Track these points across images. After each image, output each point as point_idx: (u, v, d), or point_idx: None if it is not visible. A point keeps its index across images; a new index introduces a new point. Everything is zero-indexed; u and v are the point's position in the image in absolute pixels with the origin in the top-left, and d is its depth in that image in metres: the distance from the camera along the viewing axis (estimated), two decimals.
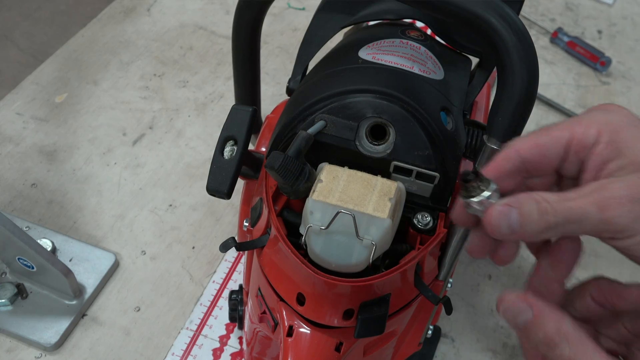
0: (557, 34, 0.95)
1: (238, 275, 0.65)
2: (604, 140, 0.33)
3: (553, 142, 0.35)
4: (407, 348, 0.52)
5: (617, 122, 0.34)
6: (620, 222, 0.31)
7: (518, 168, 0.35)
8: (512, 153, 0.35)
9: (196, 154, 0.76)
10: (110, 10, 0.93)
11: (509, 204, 0.34)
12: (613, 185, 0.32)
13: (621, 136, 0.33)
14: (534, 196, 0.33)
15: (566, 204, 0.33)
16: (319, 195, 0.39)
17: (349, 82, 0.44)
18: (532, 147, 0.35)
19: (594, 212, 0.32)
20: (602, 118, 0.34)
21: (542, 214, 0.33)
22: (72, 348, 0.59)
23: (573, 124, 0.35)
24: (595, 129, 0.34)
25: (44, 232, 0.65)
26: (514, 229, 0.33)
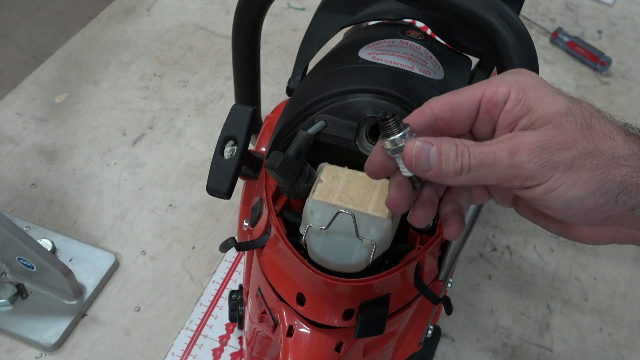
0: (557, 34, 0.95)
1: (238, 275, 0.65)
2: (513, 98, 0.34)
3: (465, 100, 0.35)
4: (407, 348, 0.52)
5: (526, 82, 0.35)
6: (528, 167, 0.32)
7: (431, 125, 0.36)
8: (426, 109, 0.36)
9: (196, 154, 0.76)
10: (110, 10, 0.93)
11: (429, 141, 0.34)
12: (524, 133, 0.33)
13: (530, 94, 0.34)
14: (454, 139, 0.34)
15: (481, 148, 0.34)
16: (319, 195, 0.39)
17: (349, 82, 0.44)
18: (445, 104, 0.35)
19: (504, 157, 0.33)
20: (512, 78, 0.35)
21: (459, 155, 0.34)
22: (72, 348, 0.59)
23: (484, 84, 0.35)
24: (505, 88, 0.35)
25: (44, 232, 0.65)
26: (431, 165, 0.34)
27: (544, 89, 0.34)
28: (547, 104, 0.34)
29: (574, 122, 0.33)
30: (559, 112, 0.33)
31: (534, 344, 0.63)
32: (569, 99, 0.34)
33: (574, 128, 0.33)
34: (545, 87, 0.35)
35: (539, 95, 0.34)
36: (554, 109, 0.33)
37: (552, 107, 0.33)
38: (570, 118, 0.33)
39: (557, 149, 0.33)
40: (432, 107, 0.35)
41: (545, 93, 0.34)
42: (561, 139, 0.33)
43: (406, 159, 0.34)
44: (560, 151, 0.32)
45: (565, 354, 0.62)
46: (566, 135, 0.33)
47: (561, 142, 0.33)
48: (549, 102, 0.34)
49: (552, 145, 0.33)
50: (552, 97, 0.34)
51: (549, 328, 0.64)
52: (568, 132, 0.33)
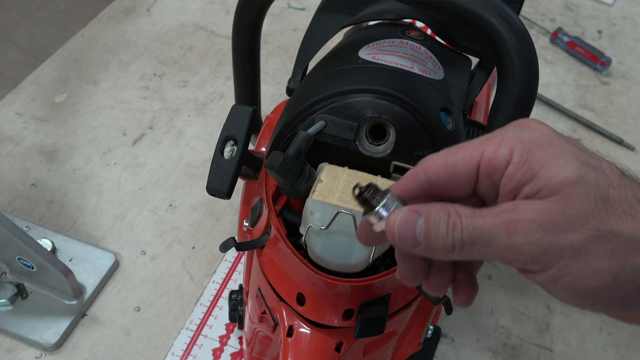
0: (557, 34, 0.95)
1: (238, 275, 0.65)
2: (516, 161, 0.29)
3: (462, 163, 0.30)
4: (407, 348, 0.52)
5: (532, 140, 0.29)
6: (527, 252, 0.28)
7: (424, 190, 0.31)
8: (419, 173, 0.31)
9: (196, 154, 0.76)
10: (110, 10, 0.93)
11: (417, 211, 0.30)
12: (524, 206, 0.28)
13: (535, 155, 0.29)
14: (447, 207, 0.30)
15: (475, 221, 0.29)
16: (319, 195, 0.39)
17: (349, 82, 0.44)
18: (440, 167, 0.31)
19: (500, 235, 0.28)
20: (515, 135, 0.30)
21: (450, 229, 0.29)
22: (72, 348, 0.59)
23: (484, 142, 0.30)
24: (506, 148, 0.29)
25: (44, 232, 0.65)
26: (418, 240, 0.29)
27: (554, 149, 0.29)
28: (554, 170, 0.28)
29: (586, 194, 0.28)
30: (568, 180, 0.28)
31: (534, 344, 0.63)
32: (583, 161, 0.29)
33: (585, 202, 0.27)
34: (555, 147, 0.29)
35: (546, 158, 0.29)
36: (563, 177, 0.28)
37: (561, 174, 0.28)
38: (581, 189, 0.28)
39: (562, 229, 0.27)
40: (426, 170, 0.31)
41: (554, 155, 0.29)
42: (568, 216, 0.27)
43: (388, 234, 0.30)
44: (566, 232, 0.27)
45: (565, 354, 0.62)
46: (575, 210, 0.27)
47: (568, 221, 0.27)
48: (558, 168, 0.28)
49: (557, 225, 0.27)
50: (562, 161, 0.28)
51: (549, 328, 0.64)
52: (577, 206, 0.27)
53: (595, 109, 0.88)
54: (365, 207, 0.31)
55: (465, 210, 0.29)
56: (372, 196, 0.31)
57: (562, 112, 0.86)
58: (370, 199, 0.31)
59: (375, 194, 0.31)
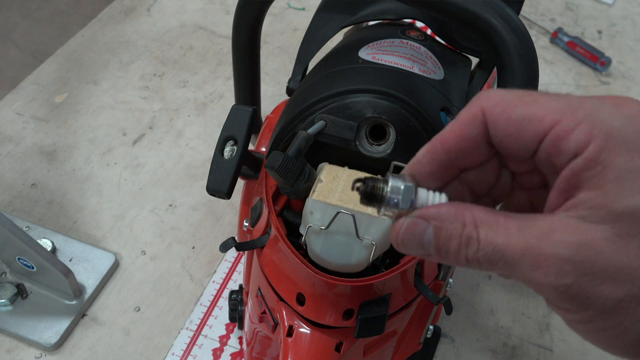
0: (557, 34, 0.95)
1: (238, 275, 0.65)
2: (588, 156, 0.23)
3: (528, 125, 0.24)
4: (407, 348, 0.52)
5: (620, 135, 0.23)
6: (551, 294, 0.24)
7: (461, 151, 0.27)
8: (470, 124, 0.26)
9: (196, 154, 0.76)
10: (110, 10, 0.93)
11: (426, 217, 0.26)
12: (563, 236, 0.23)
13: (613, 158, 0.23)
14: (463, 213, 0.25)
15: (498, 239, 0.24)
16: (319, 195, 0.39)
17: (349, 82, 0.44)
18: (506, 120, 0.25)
19: (524, 266, 0.24)
20: (603, 119, 0.23)
21: (464, 245, 0.25)
22: (72, 348, 0.59)
23: (563, 110, 0.24)
24: (585, 134, 0.23)
25: (44, 232, 0.65)
26: (428, 252, 0.26)
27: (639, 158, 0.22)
28: (629, 190, 0.22)
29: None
30: (633, 216, 0.22)
31: (534, 344, 0.63)
32: None
33: None
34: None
35: (627, 169, 0.22)
36: (633, 204, 0.22)
37: (633, 200, 0.22)
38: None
39: (601, 278, 0.22)
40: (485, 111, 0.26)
41: (635, 166, 0.22)
42: (615, 262, 0.22)
43: (392, 241, 0.27)
44: (604, 284, 0.22)
45: (565, 354, 0.62)
46: (625, 259, 0.22)
47: (612, 270, 0.22)
48: (634, 188, 0.22)
49: (596, 272, 0.22)
50: (638, 180, 0.22)
51: (549, 328, 0.64)
52: (631, 254, 0.22)
53: None
54: (373, 204, 0.28)
55: (486, 216, 0.25)
56: (374, 189, 0.28)
57: None
58: (374, 193, 0.28)
59: (376, 186, 0.28)
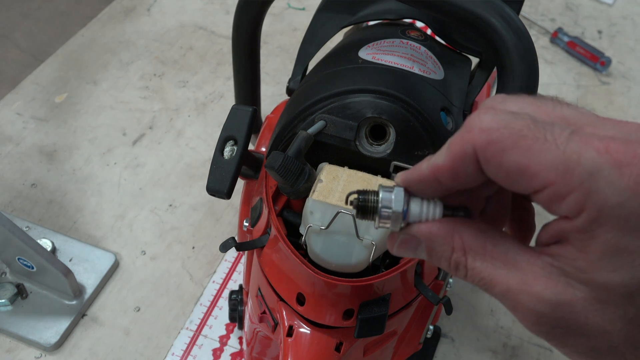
0: (557, 34, 0.95)
1: (238, 275, 0.65)
2: (577, 226, 0.23)
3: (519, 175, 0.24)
4: (407, 348, 0.52)
5: (612, 210, 0.22)
6: (529, 330, 0.25)
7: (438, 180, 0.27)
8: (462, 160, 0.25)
9: (196, 154, 0.76)
10: (110, 10, 0.93)
11: (418, 235, 0.27)
12: (544, 289, 0.24)
13: (601, 233, 0.22)
14: (454, 237, 0.26)
15: (482, 271, 0.25)
16: (319, 195, 0.39)
17: (349, 82, 0.44)
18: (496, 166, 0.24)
19: (506, 304, 0.25)
20: (600, 190, 0.22)
21: (453, 267, 0.26)
22: (72, 348, 0.59)
23: (561, 169, 0.23)
24: (577, 202, 0.22)
25: (44, 232, 0.65)
26: (420, 257, 0.28)
27: (629, 239, 0.22)
28: (612, 267, 0.22)
29: (624, 310, 0.23)
30: (616, 289, 0.23)
31: (534, 344, 0.63)
32: None
33: (618, 316, 0.23)
34: (631, 234, 0.22)
35: (612, 247, 0.22)
36: (614, 282, 0.23)
37: (614, 277, 0.23)
38: (623, 301, 0.23)
39: (575, 332, 0.24)
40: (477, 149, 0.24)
41: (623, 248, 0.22)
42: (590, 324, 0.23)
43: (388, 247, 0.29)
44: (578, 337, 0.24)
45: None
46: (601, 322, 0.23)
47: (587, 328, 0.24)
48: (616, 267, 0.22)
49: (571, 326, 0.24)
50: (626, 261, 0.22)
51: None
52: (606, 318, 0.23)
53: (595, 109, 0.88)
54: (368, 218, 0.28)
55: (475, 242, 0.26)
56: (366, 203, 0.28)
57: None
58: (366, 208, 0.28)
59: (367, 200, 0.28)
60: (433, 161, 0.26)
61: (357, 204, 0.28)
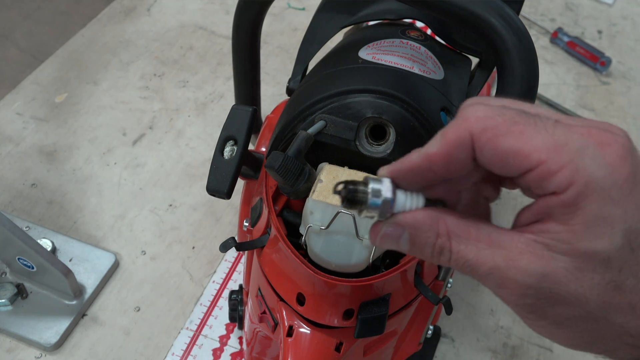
0: (557, 34, 0.95)
1: (238, 275, 0.65)
2: (566, 199, 0.25)
3: (513, 157, 0.26)
4: (407, 348, 0.52)
5: (597, 184, 0.25)
6: (513, 308, 0.27)
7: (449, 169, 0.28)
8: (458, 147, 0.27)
9: (196, 154, 0.76)
10: (110, 10, 0.93)
11: (402, 225, 0.28)
12: (529, 264, 0.25)
13: (587, 205, 0.25)
14: (437, 223, 0.27)
15: (467, 254, 0.27)
16: (319, 195, 0.39)
17: (349, 82, 0.44)
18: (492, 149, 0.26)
19: (491, 283, 0.27)
20: (586, 167, 0.25)
21: (437, 253, 0.27)
22: (72, 348, 0.59)
23: (551, 149, 0.25)
24: (567, 179, 0.25)
25: (44, 232, 0.65)
26: (402, 249, 0.28)
27: (610, 208, 0.25)
28: (594, 235, 0.25)
29: (602, 276, 0.25)
30: (596, 255, 0.25)
31: (534, 344, 0.63)
32: (627, 238, 0.25)
33: (595, 283, 0.25)
34: (612, 204, 0.25)
35: (596, 216, 0.25)
36: (595, 248, 0.25)
37: (595, 244, 0.25)
38: (601, 268, 0.25)
39: (557, 301, 0.26)
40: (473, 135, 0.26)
41: (605, 217, 0.25)
42: (570, 292, 0.25)
43: (371, 239, 0.29)
44: (559, 306, 0.26)
45: (565, 354, 0.62)
46: (580, 288, 0.25)
47: (567, 296, 0.25)
48: (598, 234, 0.25)
49: (553, 296, 0.26)
50: (607, 229, 0.25)
51: None
52: (585, 285, 0.25)
53: (595, 109, 0.88)
54: (355, 208, 0.29)
55: (458, 227, 0.27)
56: (355, 193, 0.28)
57: (562, 112, 0.86)
58: (355, 198, 0.28)
59: (356, 191, 0.28)
60: (425, 150, 0.28)
61: (345, 194, 0.28)
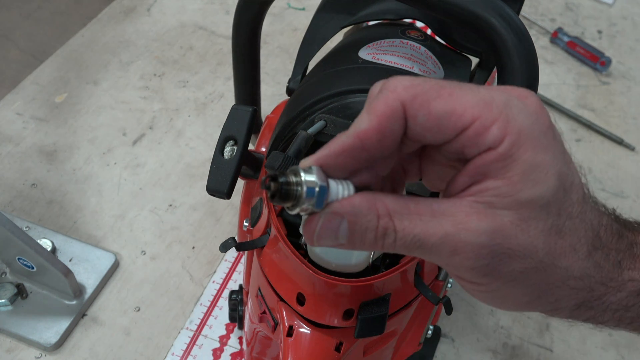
0: (557, 34, 0.95)
1: (238, 275, 0.65)
2: (502, 151, 0.25)
3: (448, 117, 0.26)
4: (407, 348, 0.52)
5: (528, 132, 0.26)
6: (468, 275, 0.27)
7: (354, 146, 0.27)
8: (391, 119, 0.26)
9: (196, 154, 0.76)
10: (110, 10, 0.93)
11: (340, 213, 0.26)
12: (477, 224, 0.25)
13: (521, 154, 0.25)
14: (376, 204, 0.26)
15: (414, 229, 0.26)
16: None
17: (349, 82, 0.44)
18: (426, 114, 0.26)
19: (444, 252, 0.26)
20: (515, 117, 0.26)
21: (381, 236, 0.26)
22: (72, 348, 0.59)
23: (482, 107, 0.26)
24: (500, 131, 0.25)
25: (44, 232, 0.65)
26: (339, 242, 0.27)
27: (542, 155, 0.26)
28: (531, 182, 0.26)
29: (545, 222, 0.26)
30: (537, 200, 0.26)
31: (534, 344, 0.63)
32: (561, 180, 0.26)
33: (540, 229, 0.26)
34: (544, 151, 0.26)
35: (531, 163, 0.26)
36: (535, 195, 0.26)
37: (534, 191, 0.26)
38: (543, 214, 0.26)
39: (509, 256, 0.26)
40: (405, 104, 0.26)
41: (539, 163, 0.26)
42: (520, 243, 0.26)
43: (306, 236, 0.27)
44: (512, 260, 0.26)
45: (565, 354, 0.62)
46: (528, 238, 0.26)
47: (518, 249, 0.26)
48: (535, 180, 0.26)
49: (506, 252, 0.26)
50: (543, 174, 0.26)
51: (549, 328, 0.64)
52: (531, 233, 0.26)
53: (595, 109, 0.88)
54: (286, 203, 0.26)
55: (397, 205, 0.26)
56: (288, 186, 0.26)
57: (562, 112, 0.86)
58: (288, 192, 0.26)
59: (290, 186, 0.26)
60: (354, 130, 0.27)
61: (277, 188, 0.26)
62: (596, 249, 0.28)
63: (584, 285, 0.28)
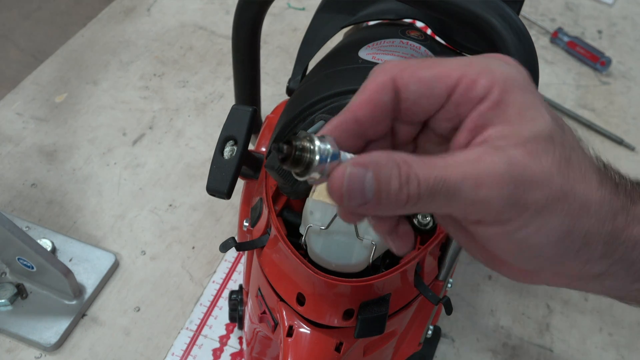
0: (557, 34, 0.95)
1: (238, 275, 0.65)
2: (493, 99, 0.27)
3: (438, 81, 0.28)
4: (407, 348, 0.52)
5: (513, 80, 0.28)
6: (495, 206, 0.26)
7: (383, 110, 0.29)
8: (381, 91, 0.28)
9: (196, 154, 0.76)
10: (110, 10, 0.93)
11: (363, 164, 0.26)
12: (492, 158, 0.26)
13: (513, 98, 0.27)
14: (395, 157, 0.26)
15: (435, 172, 0.26)
16: (319, 195, 0.39)
17: (349, 82, 0.44)
18: (410, 82, 0.28)
19: (467, 188, 0.26)
20: (497, 68, 0.28)
21: (404, 183, 0.26)
22: (72, 348, 0.59)
23: (464, 66, 0.28)
24: (488, 80, 0.27)
25: (44, 232, 0.65)
26: (367, 198, 0.26)
27: (532, 97, 0.28)
28: (529, 119, 0.27)
29: (553, 153, 0.27)
30: (540, 134, 0.27)
31: (534, 344, 0.63)
32: (554, 117, 0.28)
33: (551, 160, 0.27)
34: (532, 94, 0.28)
35: (524, 104, 0.27)
36: (536, 130, 0.27)
37: (535, 126, 0.27)
38: (549, 145, 0.27)
39: (531, 185, 0.26)
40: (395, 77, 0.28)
41: (531, 103, 0.27)
42: (536, 172, 0.26)
43: (333, 195, 0.26)
44: (534, 189, 0.26)
45: (565, 354, 0.62)
46: (542, 167, 0.26)
47: (536, 177, 0.26)
48: (532, 118, 0.27)
49: (527, 180, 0.26)
50: (537, 112, 0.27)
51: (549, 328, 0.64)
52: (544, 163, 0.27)
53: (595, 109, 0.88)
54: (298, 168, 0.26)
55: (412, 158, 0.26)
56: (302, 151, 0.26)
57: (562, 112, 0.86)
58: (301, 155, 0.26)
59: (303, 149, 0.26)
60: (348, 105, 0.29)
61: (291, 152, 0.25)
62: (605, 180, 0.29)
63: (606, 213, 0.28)
